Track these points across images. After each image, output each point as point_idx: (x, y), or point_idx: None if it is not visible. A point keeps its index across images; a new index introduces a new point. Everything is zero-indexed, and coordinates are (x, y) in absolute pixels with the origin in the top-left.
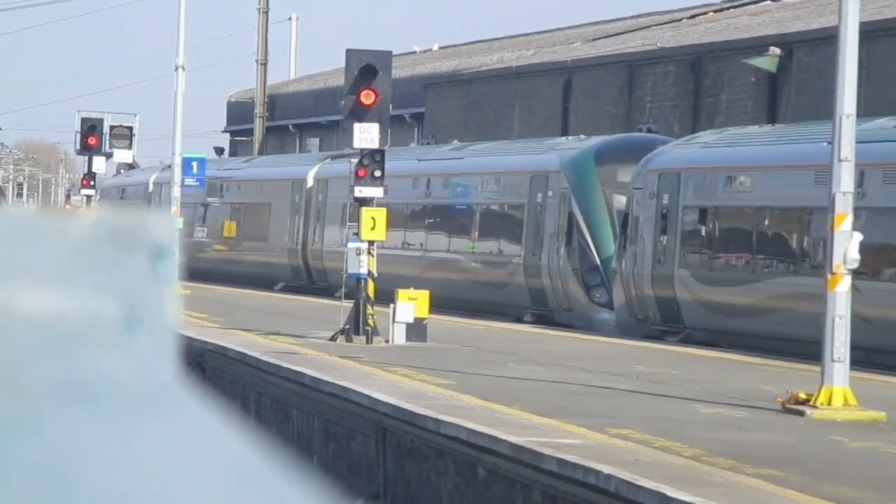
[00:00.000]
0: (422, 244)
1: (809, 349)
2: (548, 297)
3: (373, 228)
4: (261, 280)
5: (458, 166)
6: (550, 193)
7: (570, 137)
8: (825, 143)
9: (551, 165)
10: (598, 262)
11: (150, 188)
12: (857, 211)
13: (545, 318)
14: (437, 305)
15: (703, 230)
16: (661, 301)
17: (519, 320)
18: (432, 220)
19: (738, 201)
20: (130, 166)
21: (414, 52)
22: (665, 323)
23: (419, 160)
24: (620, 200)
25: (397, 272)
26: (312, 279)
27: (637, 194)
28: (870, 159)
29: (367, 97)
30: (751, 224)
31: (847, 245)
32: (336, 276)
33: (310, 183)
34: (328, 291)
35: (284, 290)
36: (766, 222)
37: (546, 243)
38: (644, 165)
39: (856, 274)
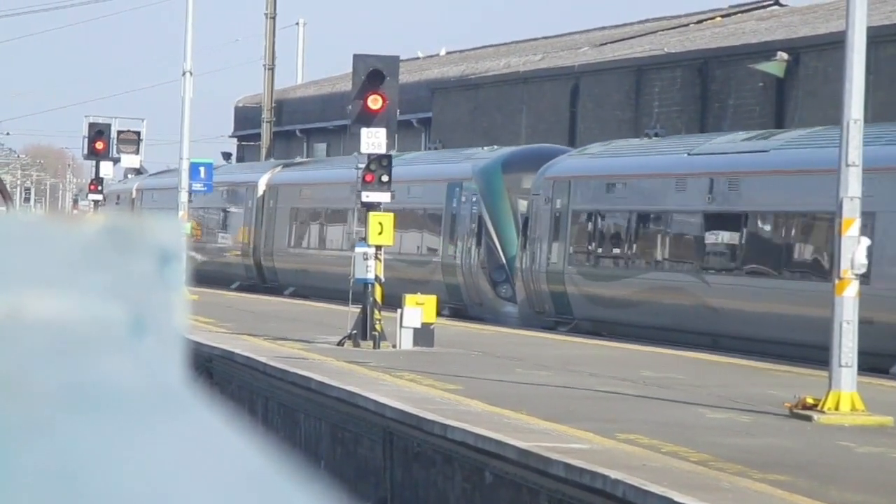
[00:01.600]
0: (353, 244)
1: (672, 336)
2: (462, 292)
3: (380, 233)
4: (219, 279)
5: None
6: (464, 199)
7: (484, 148)
8: (685, 154)
9: (465, 173)
10: (504, 260)
11: (133, 194)
12: (707, 215)
13: (460, 312)
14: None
15: (588, 231)
16: (555, 295)
17: (438, 314)
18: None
19: (616, 206)
20: (138, 171)
21: (417, 58)
22: (558, 315)
23: (359, 168)
24: (524, 205)
25: (332, 270)
26: (264, 278)
27: (536, 199)
28: (718, 169)
29: (374, 102)
30: (625, 226)
31: (855, 250)
32: (284, 276)
33: (261, 189)
34: (278, 290)
35: (240, 288)
36: (637, 225)
37: (460, 244)
38: (542, 173)
39: (704, 270)
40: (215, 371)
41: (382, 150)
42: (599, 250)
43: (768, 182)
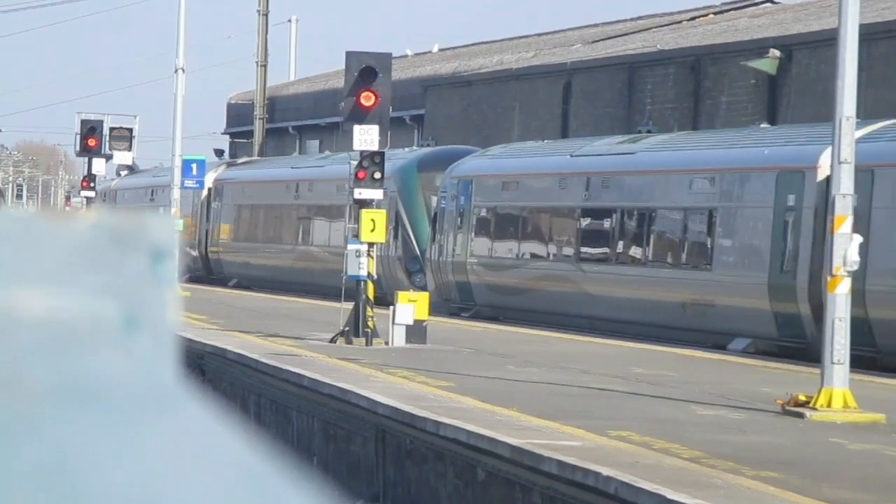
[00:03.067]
0: (293, 239)
1: (556, 319)
2: (382, 282)
3: (372, 230)
4: None
5: (319, 173)
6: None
7: (405, 149)
8: (568, 156)
9: (385, 172)
10: (418, 252)
11: (115, 193)
12: (584, 211)
13: (379, 301)
14: (306, 292)
15: (487, 226)
16: (459, 283)
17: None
18: (302, 219)
19: (510, 202)
20: (130, 168)
21: (406, 56)
22: (462, 301)
23: (293, 168)
24: (436, 201)
25: (272, 263)
26: (210, 270)
27: (443, 196)
28: (593, 169)
29: (366, 99)
30: (518, 221)
31: (847, 247)
32: (229, 268)
33: (208, 186)
34: (223, 281)
35: (189, 280)
36: (528, 220)
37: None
38: (449, 173)
39: (582, 260)
40: (207, 368)
41: (375, 147)
42: (496, 243)
43: (635, 181)
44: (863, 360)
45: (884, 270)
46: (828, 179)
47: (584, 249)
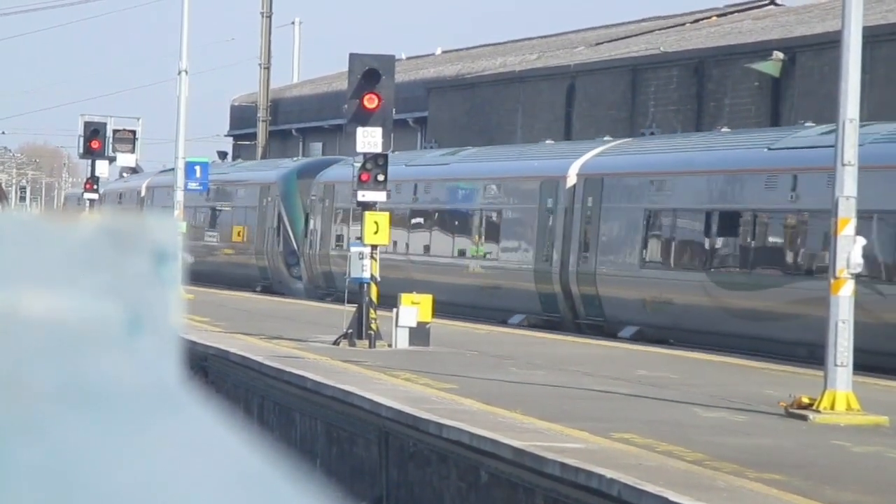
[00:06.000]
0: (203, 236)
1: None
2: (268, 273)
3: (376, 232)
4: None
5: (222, 178)
6: (269, 199)
7: (290, 159)
8: (403, 165)
9: (271, 178)
10: (296, 247)
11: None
12: (413, 211)
13: (268, 288)
14: (212, 282)
15: (343, 224)
16: (324, 273)
17: (254, 290)
18: (212, 218)
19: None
20: (133, 170)
21: (401, 59)
22: (327, 288)
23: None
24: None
25: (212, 259)
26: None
27: (313, 200)
28: (421, 176)
29: (370, 101)
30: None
31: (850, 249)
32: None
33: (143, 192)
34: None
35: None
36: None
37: (266, 235)
38: (317, 179)
39: (410, 252)
40: (210, 370)
41: (378, 150)
42: (349, 238)
43: (450, 187)
44: (593, 327)
45: (607, 260)
46: (574, 187)
47: (410, 245)
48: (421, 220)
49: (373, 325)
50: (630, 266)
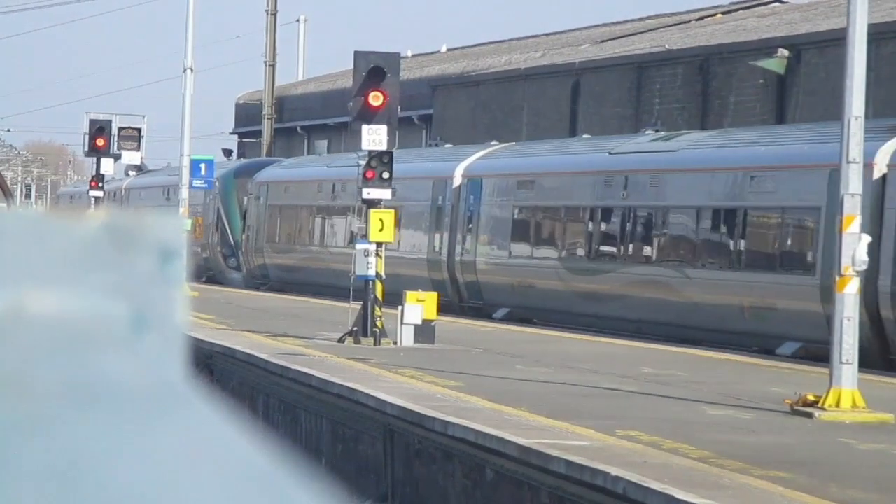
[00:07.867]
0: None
1: (324, 290)
2: (210, 265)
3: (381, 230)
4: None
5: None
6: (210, 197)
7: (230, 160)
8: (325, 167)
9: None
10: (233, 242)
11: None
12: (320, 208)
13: (212, 279)
14: None
15: (277, 220)
16: (259, 266)
17: (200, 281)
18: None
19: (289, 202)
20: (139, 168)
21: (406, 57)
22: (262, 279)
23: (169, 175)
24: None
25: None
26: None
27: (250, 197)
28: (338, 177)
29: (375, 99)
30: (295, 216)
31: (856, 247)
32: None
33: (124, 191)
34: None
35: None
36: (302, 215)
37: (207, 230)
38: (255, 179)
39: (326, 245)
40: (216, 368)
41: (383, 147)
42: (283, 233)
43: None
44: (474, 309)
45: (484, 251)
46: (459, 186)
47: (326, 237)
48: (339, 217)
49: (378, 323)
50: (501, 256)
